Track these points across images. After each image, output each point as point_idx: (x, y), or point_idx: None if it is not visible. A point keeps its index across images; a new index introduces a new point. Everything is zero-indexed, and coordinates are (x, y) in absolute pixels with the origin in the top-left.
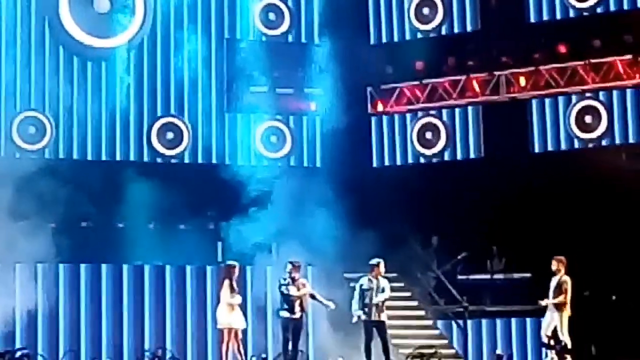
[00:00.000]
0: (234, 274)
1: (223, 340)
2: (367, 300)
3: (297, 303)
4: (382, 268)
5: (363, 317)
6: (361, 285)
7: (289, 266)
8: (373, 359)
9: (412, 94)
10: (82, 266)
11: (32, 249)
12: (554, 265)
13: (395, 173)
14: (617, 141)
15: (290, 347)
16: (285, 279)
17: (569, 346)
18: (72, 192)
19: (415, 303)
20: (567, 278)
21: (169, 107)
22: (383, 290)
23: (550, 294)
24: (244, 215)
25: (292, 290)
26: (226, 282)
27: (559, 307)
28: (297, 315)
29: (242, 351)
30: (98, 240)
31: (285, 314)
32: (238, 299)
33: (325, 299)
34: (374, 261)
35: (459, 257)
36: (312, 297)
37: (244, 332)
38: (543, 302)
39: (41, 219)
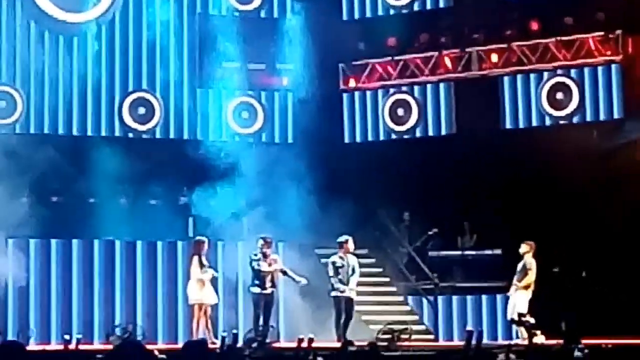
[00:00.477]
0: (202, 250)
1: (194, 316)
2: (340, 277)
3: (268, 279)
4: (350, 245)
5: (340, 293)
6: (334, 263)
7: (261, 242)
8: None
9: (384, 70)
10: (53, 241)
11: (3, 224)
12: (523, 249)
13: (367, 149)
14: (588, 118)
15: (261, 322)
16: (256, 255)
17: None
18: (43, 167)
19: (386, 279)
20: (532, 261)
21: (140, 82)
22: (354, 269)
23: (516, 275)
24: (215, 190)
25: (264, 266)
26: (195, 258)
27: (522, 287)
28: (268, 291)
29: (211, 327)
30: (69, 215)
31: (256, 289)
32: (209, 274)
33: (296, 275)
34: (342, 238)
35: (429, 233)
36: (284, 273)
37: (215, 307)
38: (511, 290)
39: (12, 194)
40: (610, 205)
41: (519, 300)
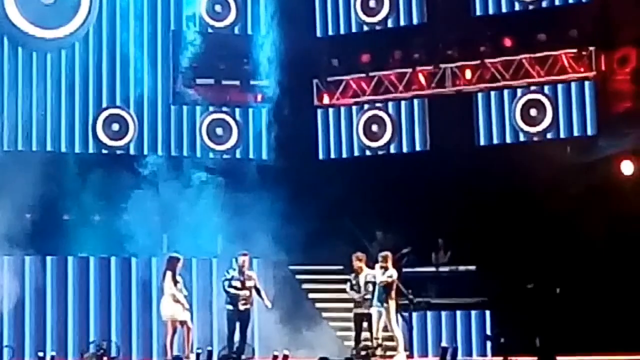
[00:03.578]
0: (177, 266)
1: (167, 333)
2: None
3: (242, 296)
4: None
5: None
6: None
7: (242, 258)
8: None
9: (358, 86)
10: (27, 258)
11: None
12: (383, 262)
13: (341, 165)
14: (562, 135)
15: (237, 339)
16: (228, 273)
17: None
18: (17, 184)
19: None
20: (394, 271)
21: (114, 99)
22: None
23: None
24: (189, 207)
25: (237, 284)
26: (169, 274)
27: (387, 301)
28: (242, 308)
29: (188, 343)
30: (43, 232)
31: (230, 307)
32: (182, 291)
33: (266, 298)
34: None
35: (402, 251)
36: (257, 291)
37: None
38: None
39: None
40: (584, 221)
41: (389, 315)
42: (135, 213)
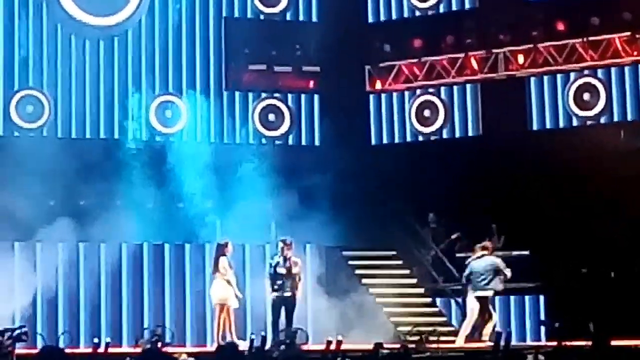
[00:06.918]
0: (228, 251)
1: (218, 316)
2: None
3: (287, 282)
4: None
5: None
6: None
7: (281, 244)
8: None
9: (410, 72)
10: (81, 245)
11: (32, 227)
12: (482, 249)
13: (394, 151)
14: (616, 119)
15: (284, 326)
16: (272, 259)
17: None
18: (70, 171)
19: (414, 281)
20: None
21: (167, 86)
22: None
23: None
24: (243, 193)
25: (280, 270)
26: (223, 259)
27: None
28: (288, 294)
29: (234, 329)
30: (97, 219)
31: (273, 293)
32: (232, 276)
33: (299, 289)
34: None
35: (452, 237)
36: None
37: (243, 309)
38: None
39: (40, 197)
40: (638, 205)
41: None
42: (188, 199)
